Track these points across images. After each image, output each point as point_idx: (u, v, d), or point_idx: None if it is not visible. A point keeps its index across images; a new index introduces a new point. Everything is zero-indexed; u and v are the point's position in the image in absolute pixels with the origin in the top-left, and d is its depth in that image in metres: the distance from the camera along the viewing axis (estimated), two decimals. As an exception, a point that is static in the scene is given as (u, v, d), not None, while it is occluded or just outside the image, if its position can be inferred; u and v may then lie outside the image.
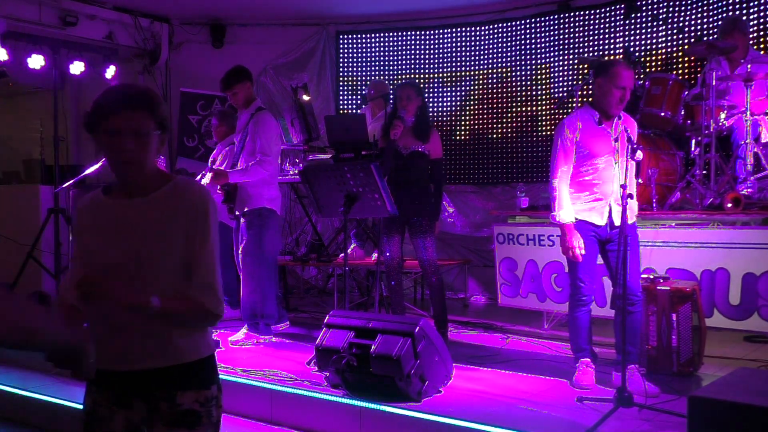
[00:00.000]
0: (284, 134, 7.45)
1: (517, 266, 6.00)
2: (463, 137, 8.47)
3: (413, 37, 8.75)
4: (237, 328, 5.46)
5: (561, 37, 7.86)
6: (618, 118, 4.15)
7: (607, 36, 7.62)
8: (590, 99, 4.36)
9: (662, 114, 5.61)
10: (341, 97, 9.07)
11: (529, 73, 8.12)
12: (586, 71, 7.34)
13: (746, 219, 4.98)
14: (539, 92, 8.05)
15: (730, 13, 6.57)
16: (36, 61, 7.30)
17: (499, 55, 8.27)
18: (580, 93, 6.60)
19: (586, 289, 4.25)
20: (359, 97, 8.50)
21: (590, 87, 7.21)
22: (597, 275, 4.30)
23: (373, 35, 8.91)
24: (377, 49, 8.93)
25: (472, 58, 8.44)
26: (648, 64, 7.23)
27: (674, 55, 7.16)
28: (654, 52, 7.30)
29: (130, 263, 2.01)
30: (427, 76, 8.66)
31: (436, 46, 8.65)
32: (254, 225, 5.30)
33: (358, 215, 5.72)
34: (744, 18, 6.38)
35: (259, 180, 5.29)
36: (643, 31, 7.36)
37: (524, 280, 5.96)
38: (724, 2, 6.78)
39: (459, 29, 8.51)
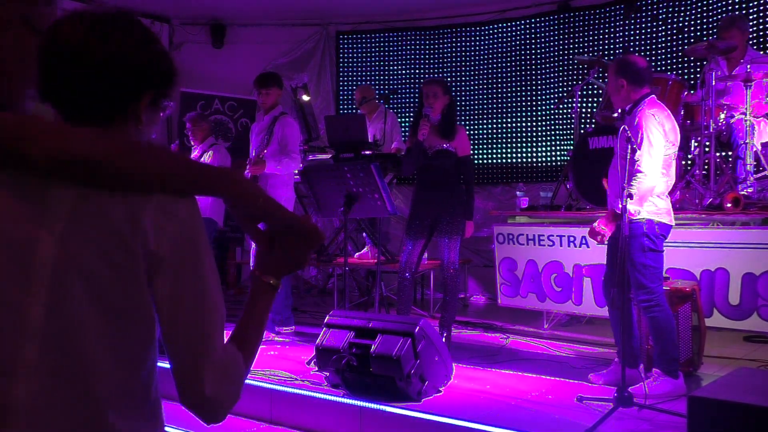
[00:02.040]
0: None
1: (517, 266, 6.01)
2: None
3: (413, 37, 8.76)
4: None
5: (561, 37, 7.86)
6: (627, 114, 4.13)
7: (607, 36, 7.62)
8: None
9: (662, 114, 5.61)
10: (341, 97, 9.08)
11: (529, 73, 8.12)
12: (586, 71, 7.34)
13: (746, 219, 4.98)
14: (539, 92, 8.05)
15: (730, 13, 6.57)
16: (36, 61, 7.29)
17: (499, 55, 8.28)
18: (580, 93, 6.61)
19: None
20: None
21: (591, 87, 7.26)
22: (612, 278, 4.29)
23: (373, 35, 8.91)
24: (377, 49, 8.94)
25: (472, 58, 8.44)
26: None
27: (674, 55, 7.16)
28: (654, 52, 7.30)
29: None
30: (426, 76, 8.65)
31: (436, 46, 8.65)
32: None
33: (358, 215, 5.72)
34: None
35: (276, 180, 5.54)
36: (643, 31, 7.36)
37: (524, 280, 5.97)
38: (724, 2, 6.79)
39: (459, 29, 8.52)
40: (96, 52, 1.21)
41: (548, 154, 7.97)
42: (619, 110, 4.30)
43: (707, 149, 5.36)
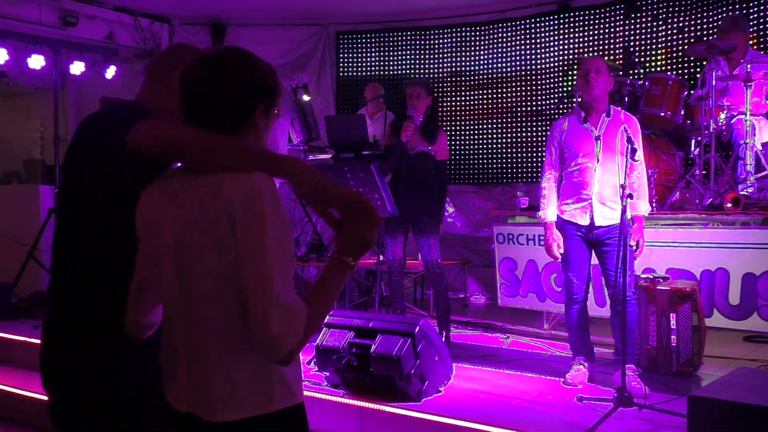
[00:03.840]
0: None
1: (517, 266, 6.01)
2: (463, 137, 8.47)
3: (413, 37, 8.75)
4: None
5: (561, 37, 7.86)
6: (606, 116, 4.18)
7: (607, 36, 7.62)
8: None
9: (662, 114, 5.61)
10: (341, 97, 9.07)
11: (529, 73, 8.12)
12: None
13: (746, 219, 4.98)
14: (539, 92, 8.05)
15: (730, 13, 6.57)
16: (36, 62, 7.31)
17: (499, 55, 8.27)
18: (579, 93, 6.60)
19: (576, 287, 4.30)
20: (359, 97, 8.50)
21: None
22: (586, 274, 4.31)
23: (373, 35, 8.91)
24: (377, 49, 8.93)
25: (472, 58, 8.44)
26: (648, 64, 7.24)
27: (674, 55, 7.16)
28: (654, 52, 7.30)
29: None
30: (426, 76, 8.65)
31: (436, 46, 8.65)
32: None
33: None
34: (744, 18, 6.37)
35: None
36: (643, 31, 7.36)
37: (524, 280, 5.97)
38: (724, 2, 6.79)
39: (459, 29, 8.51)
40: (214, 85, 1.61)
41: (548, 154, 7.97)
42: (589, 109, 4.31)
43: (707, 149, 5.36)
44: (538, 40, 8.01)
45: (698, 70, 6.75)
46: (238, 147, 1.60)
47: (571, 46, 7.79)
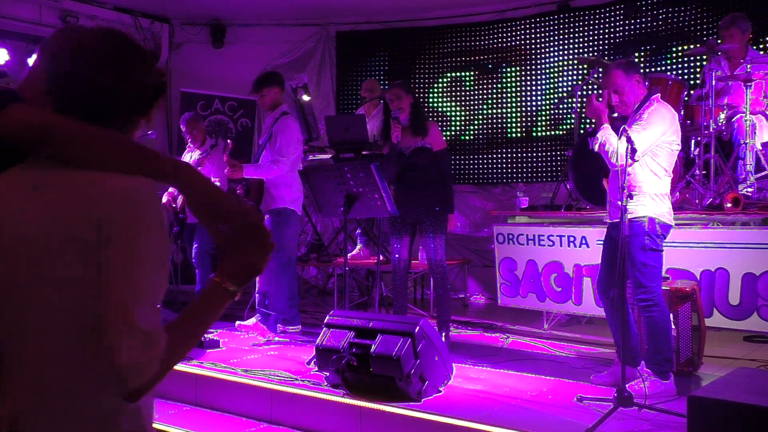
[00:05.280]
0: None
1: (517, 266, 6.01)
2: (463, 137, 8.47)
3: (413, 37, 8.75)
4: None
5: (561, 37, 7.86)
6: (634, 113, 4.14)
7: (607, 36, 7.62)
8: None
9: (662, 114, 5.61)
10: (341, 97, 9.08)
11: (529, 72, 8.12)
12: (586, 71, 7.34)
13: (746, 219, 4.98)
14: (539, 92, 8.05)
15: (731, 13, 6.56)
16: (36, 61, 7.28)
17: (499, 55, 8.27)
18: (580, 93, 6.60)
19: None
20: (359, 97, 8.51)
21: (591, 87, 7.26)
22: (603, 271, 4.30)
23: (373, 35, 8.91)
24: (377, 49, 8.93)
25: (472, 58, 8.44)
26: (648, 64, 7.23)
27: (674, 55, 7.16)
28: (654, 52, 7.30)
29: None
30: (427, 76, 8.66)
31: (436, 46, 8.65)
32: (274, 223, 5.45)
33: (358, 215, 5.72)
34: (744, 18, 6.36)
35: (277, 181, 5.47)
36: (643, 31, 7.36)
37: (524, 280, 5.97)
38: (724, 2, 6.79)
39: (459, 29, 8.51)
40: (107, 82, 1.37)
41: (548, 154, 7.97)
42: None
43: (707, 149, 5.36)
44: (538, 40, 8.01)
45: (698, 70, 6.75)
46: (124, 144, 1.38)
47: (571, 46, 7.79)
